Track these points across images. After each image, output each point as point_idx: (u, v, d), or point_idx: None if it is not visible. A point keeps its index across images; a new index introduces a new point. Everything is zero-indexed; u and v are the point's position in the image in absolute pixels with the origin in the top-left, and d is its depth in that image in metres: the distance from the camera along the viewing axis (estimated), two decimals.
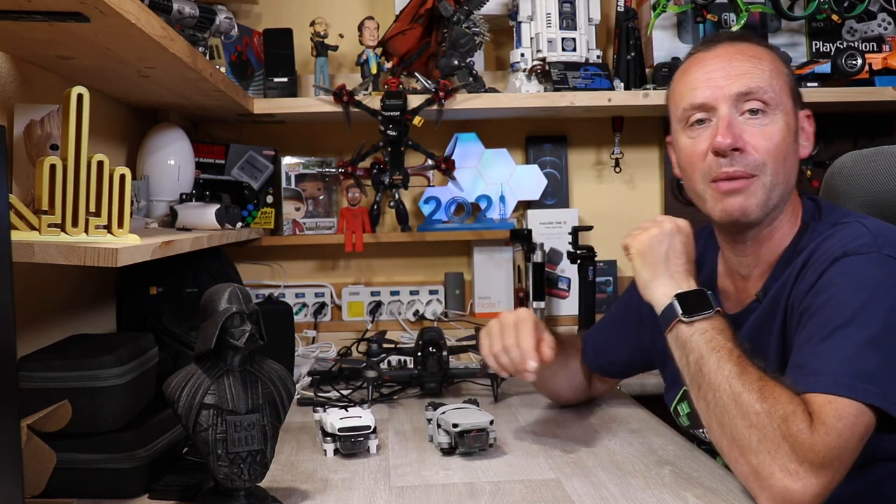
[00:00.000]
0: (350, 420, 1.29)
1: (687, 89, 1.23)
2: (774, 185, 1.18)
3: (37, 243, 1.04)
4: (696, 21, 2.19)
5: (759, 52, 1.22)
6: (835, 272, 1.09)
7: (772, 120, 1.18)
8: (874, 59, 2.12)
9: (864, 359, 1.01)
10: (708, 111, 1.20)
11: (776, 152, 1.18)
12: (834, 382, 1.00)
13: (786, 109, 1.20)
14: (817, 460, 0.96)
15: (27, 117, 1.30)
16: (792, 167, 1.21)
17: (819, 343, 1.05)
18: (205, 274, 1.79)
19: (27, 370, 1.07)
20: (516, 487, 1.13)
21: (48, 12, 1.06)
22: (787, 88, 1.21)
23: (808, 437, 0.97)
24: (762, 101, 1.18)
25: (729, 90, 1.18)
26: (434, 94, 2.06)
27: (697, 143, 1.21)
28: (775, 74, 1.20)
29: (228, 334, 1.02)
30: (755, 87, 1.18)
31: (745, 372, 1.04)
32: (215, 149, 2.15)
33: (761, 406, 1.00)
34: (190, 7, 1.56)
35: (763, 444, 0.99)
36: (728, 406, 1.03)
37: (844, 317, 1.04)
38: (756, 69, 1.19)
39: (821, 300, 1.08)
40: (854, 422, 0.98)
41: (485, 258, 2.32)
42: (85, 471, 1.09)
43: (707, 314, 1.12)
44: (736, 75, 1.19)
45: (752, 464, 0.99)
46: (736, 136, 1.17)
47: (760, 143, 1.17)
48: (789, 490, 0.96)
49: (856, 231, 1.13)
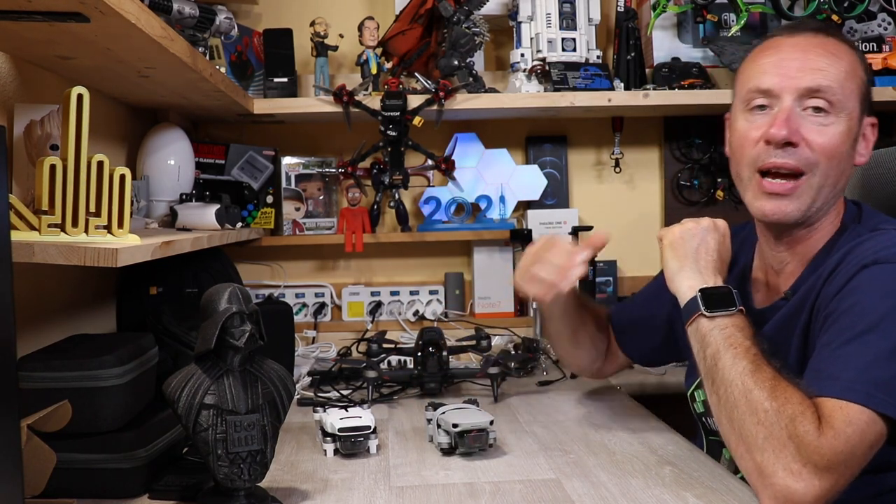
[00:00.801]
0: (350, 420, 1.29)
1: (756, 72, 1.20)
2: (822, 186, 1.16)
3: (37, 243, 1.04)
4: (696, 21, 2.19)
5: (839, 49, 1.19)
6: (863, 278, 1.08)
7: (834, 121, 1.16)
8: (874, 59, 2.12)
9: (882, 368, 1.00)
10: (771, 98, 1.18)
11: (831, 153, 1.15)
12: (848, 388, 0.99)
13: (851, 114, 1.17)
14: (822, 463, 0.96)
15: (27, 117, 1.30)
16: (844, 172, 1.18)
17: (838, 348, 1.04)
18: (205, 274, 1.79)
19: (27, 370, 1.07)
20: (516, 487, 1.13)
21: (48, 12, 1.06)
22: (859, 93, 1.19)
23: (814, 439, 0.96)
24: (828, 101, 1.15)
25: (798, 83, 1.16)
26: (434, 95, 2.06)
27: (753, 128, 1.19)
28: (850, 76, 1.17)
29: (228, 334, 1.03)
30: (825, 86, 1.15)
31: (759, 370, 1.04)
32: (215, 149, 2.15)
33: (770, 404, 1.00)
34: (190, 7, 1.56)
35: (769, 442, 0.99)
36: (738, 402, 1.03)
37: (867, 324, 1.03)
38: (832, 67, 1.16)
39: (845, 305, 1.07)
40: (864, 429, 0.97)
41: (485, 258, 2.32)
42: (85, 471, 1.09)
43: (729, 312, 1.13)
44: (809, 69, 1.16)
45: (757, 461, 0.99)
46: (792, 130, 1.15)
47: (817, 140, 1.15)
48: (790, 490, 0.96)
49: (890, 239, 1.11)
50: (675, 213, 2.32)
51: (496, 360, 1.65)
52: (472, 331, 1.88)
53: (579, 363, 1.57)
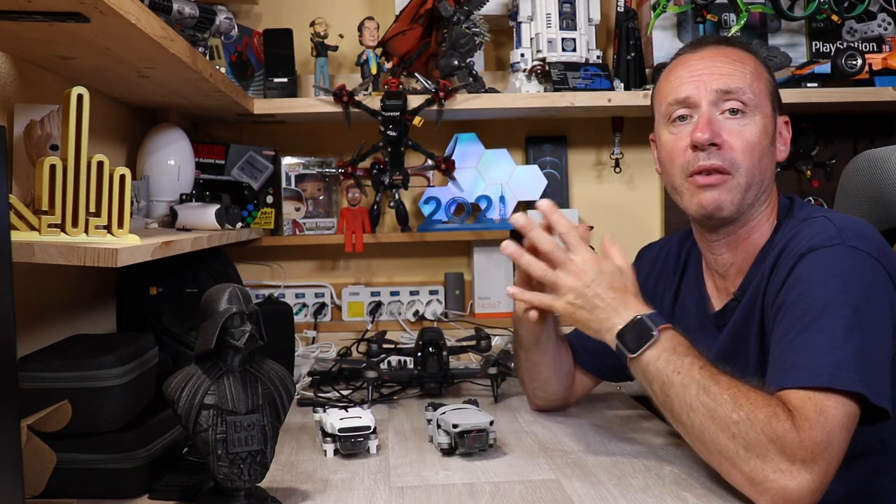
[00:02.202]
0: (350, 420, 1.29)
1: (672, 86, 1.27)
2: (749, 185, 1.22)
3: (37, 243, 1.04)
4: (696, 21, 2.19)
5: (742, 56, 1.27)
6: (803, 267, 1.12)
7: (750, 121, 1.22)
8: (874, 59, 2.12)
9: (841, 348, 1.03)
10: (690, 107, 1.24)
11: (752, 152, 1.21)
12: (815, 375, 1.01)
13: (764, 112, 1.24)
14: (807, 456, 0.97)
15: (27, 117, 1.30)
16: (767, 169, 1.24)
17: (795, 338, 1.06)
18: (205, 274, 1.79)
19: (27, 370, 1.07)
20: (516, 488, 1.13)
21: (48, 12, 1.06)
22: (768, 93, 1.26)
23: (794, 436, 0.98)
24: (741, 102, 1.22)
25: (711, 87, 1.23)
26: (434, 95, 2.06)
27: (678, 138, 1.25)
28: (756, 78, 1.25)
29: (228, 334, 1.02)
30: (735, 88, 1.22)
31: (712, 383, 1.04)
32: (215, 149, 2.15)
33: (738, 415, 1.01)
34: (190, 7, 1.56)
35: (751, 451, 1.00)
36: (705, 423, 1.04)
37: (817, 309, 1.07)
38: (738, 71, 1.24)
39: (792, 296, 1.11)
40: (835, 413, 0.99)
41: (485, 258, 2.32)
42: (85, 471, 1.09)
43: (650, 342, 1.11)
44: (719, 74, 1.23)
45: (745, 472, 1.00)
46: (714, 132, 1.21)
47: (737, 141, 1.21)
48: (787, 489, 0.97)
49: (821, 226, 1.16)
50: (674, 214, 2.32)
51: (496, 360, 1.65)
52: (472, 331, 1.87)
53: (555, 388, 1.49)
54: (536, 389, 1.50)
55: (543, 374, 1.46)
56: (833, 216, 1.18)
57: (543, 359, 1.43)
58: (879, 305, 1.09)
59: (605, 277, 1.16)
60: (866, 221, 1.21)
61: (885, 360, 1.06)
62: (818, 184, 2.31)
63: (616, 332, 1.14)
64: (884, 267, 1.11)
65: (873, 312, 1.07)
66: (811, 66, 2.15)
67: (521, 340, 1.42)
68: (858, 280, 1.09)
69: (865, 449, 1.10)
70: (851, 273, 1.09)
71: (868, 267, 1.11)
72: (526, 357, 1.44)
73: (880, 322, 1.08)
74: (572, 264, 1.18)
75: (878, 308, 1.08)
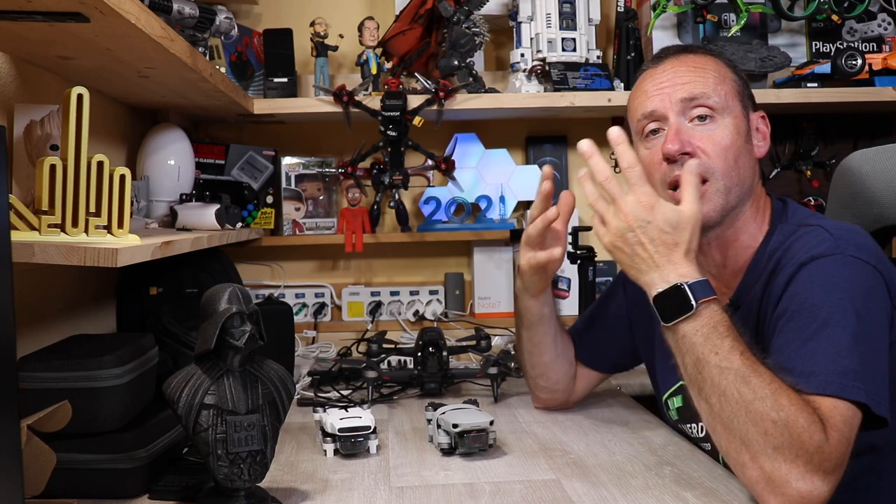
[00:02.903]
0: (350, 420, 1.29)
1: (639, 102, 1.28)
2: (729, 187, 1.21)
3: (37, 243, 1.04)
4: (696, 21, 2.19)
5: (702, 61, 1.27)
6: (804, 276, 1.12)
7: (720, 124, 1.22)
8: (874, 59, 2.12)
9: (848, 357, 1.03)
10: (659, 120, 1.25)
11: (726, 154, 1.21)
12: (826, 382, 1.01)
13: (734, 113, 1.23)
14: (831, 466, 0.97)
15: (27, 117, 1.30)
16: (745, 168, 1.23)
17: (802, 346, 1.06)
18: (205, 274, 1.79)
19: (27, 370, 1.07)
20: (516, 488, 1.13)
21: (48, 12, 1.06)
22: (735, 92, 1.25)
23: (827, 448, 0.97)
24: (708, 107, 1.22)
25: (675, 97, 1.23)
26: (434, 95, 2.06)
27: (653, 153, 1.25)
28: (720, 80, 1.24)
29: (228, 334, 1.02)
30: (699, 94, 1.22)
31: (755, 374, 1.01)
32: (215, 149, 2.15)
33: (778, 415, 0.98)
34: (190, 7, 1.56)
35: (779, 452, 0.97)
36: (737, 413, 1.01)
37: (822, 318, 1.06)
38: (700, 77, 1.24)
39: (795, 305, 1.11)
40: (850, 422, 1.00)
41: (485, 258, 2.32)
42: (85, 471, 1.09)
43: (687, 315, 1.06)
44: (681, 83, 1.24)
45: (766, 469, 0.98)
46: (684, 141, 1.21)
47: (709, 146, 1.21)
48: (803, 494, 0.96)
49: (818, 235, 1.16)
50: None
51: (496, 360, 1.65)
52: (472, 331, 1.87)
53: (558, 375, 1.49)
54: (539, 378, 1.49)
55: (545, 355, 1.45)
56: (828, 224, 1.18)
57: (545, 338, 1.44)
58: (878, 312, 1.09)
59: (653, 226, 1.08)
60: (859, 227, 1.21)
61: (884, 368, 1.06)
62: (818, 184, 2.31)
63: (653, 294, 1.09)
64: (881, 274, 1.12)
65: (873, 320, 1.08)
66: (811, 66, 2.15)
67: (522, 316, 1.43)
68: (859, 288, 1.09)
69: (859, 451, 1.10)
70: (852, 281, 1.10)
71: (867, 275, 1.11)
72: (528, 337, 1.45)
73: (879, 329, 1.09)
74: (623, 202, 1.11)
75: (877, 315, 1.09)
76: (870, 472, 1.17)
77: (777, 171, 2.28)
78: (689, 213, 1.10)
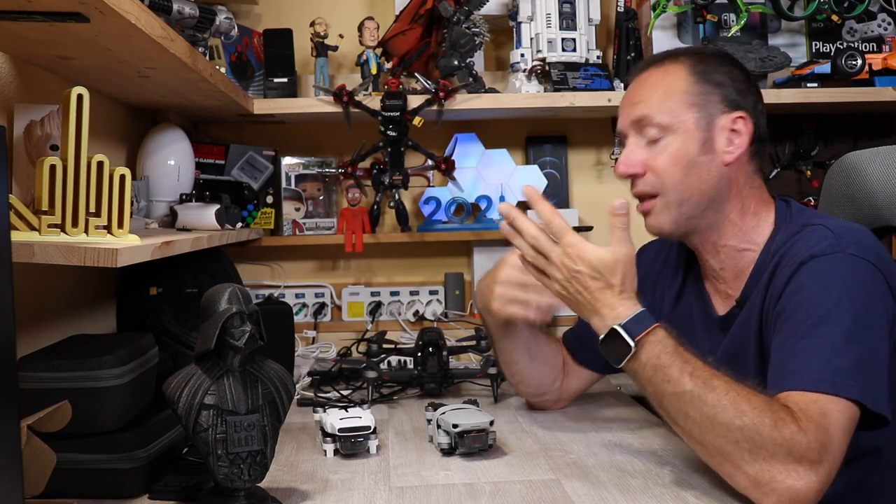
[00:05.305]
0: (350, 420, 1.29)
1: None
2: (683, 200, 1.24)
3: (37, 244, 1.04)
4: (696, 21, 2.19)
5: (660, 74, 1.29)
6: (804, 275, 1.13)
7: (669, 142, 1.25)
8: (874, 59, 2.12)
9: (841, 355, 1.04)
10: (623, 137, 1.31)
11: (673, 170, 1.24)
12: (816, 380, 1.02)
13: (685, 127, 1.24)
14: (814, 457, 0.98)
15: (27, 117, 1.30)
16: (703, 178, 1.24)
17: (796, 343, 1.07)
18: (205, 274, 1.79)
19: (27, 370, 1.07)
20: (516, 488, 1.13)
21: (48, 12, 1.06)
22: (687, 104, 1.25)
23: (802, 438, 0.98)
24: (655, 127, 1.25)
25: (628, 119, 1.29)
26: (434, 95, 2.06)
27: None
28: (667, 97, 1.25)
29: (228, 335, 1.02)
30: (644, 115, 1.26)
31: (708, 389, 1.03)
32: (215, 149, 2.15)
33: (742, 420, 1.00)
34: (190, 7, 1.56)
35: (756, 454, 0.99)
36: (704, 430, 1.03)
37: (818, 316, 1.08)
38: (648, 97, 1.27)
39: (793, 303, 1.12)
40: (838, 416, 1.00)
41: (485, 258, 2.32)
42: (85, 471, 1.09)
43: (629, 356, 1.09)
44: (633, 104, 1.29)
45: (750, 474, 1.00)
46: (630, 163, 1.26)
47: (658, 164, 1.25)
48: (793, 489, 0.98)
49: (820, 234, 1.17)
50: None
51: (496, 360, 1.65)
52: (472, 331, 1.87)
53: (538, 381, 1.48)
54: (519, 384, 1.50)
55: (519, 363, 1.45)
56: (831, 223, 1.19)
57: (515, 348, 1.43)
58: (878, 311, 1.10)
59: (584, 275, 1.12)
60: (863, 226, 1.22)
61: (883, 367, 1.07)
62: (818, 184, 2.31)
63: (599, 338, 1.13)
64: (881, 273, 1.13)
65: (872, 319, 1.09)
66: (811, 66, 2.15)
67: (489, 330, 1.44)
68: (859, 287, 1.10)
69: (862, 451, 1.11)
70: (852, 280, 1.10)
71: (867, 274, 1.12)
72: (500, 348, 1.45)
73: (878, 328, 1.09)
74: (553, 256, 1.15)
75: (876, 314, 1.10)
76: (875, 473, 1.17)
77: (777, 171, 2.28)
78: (617, 255, 1.12)
